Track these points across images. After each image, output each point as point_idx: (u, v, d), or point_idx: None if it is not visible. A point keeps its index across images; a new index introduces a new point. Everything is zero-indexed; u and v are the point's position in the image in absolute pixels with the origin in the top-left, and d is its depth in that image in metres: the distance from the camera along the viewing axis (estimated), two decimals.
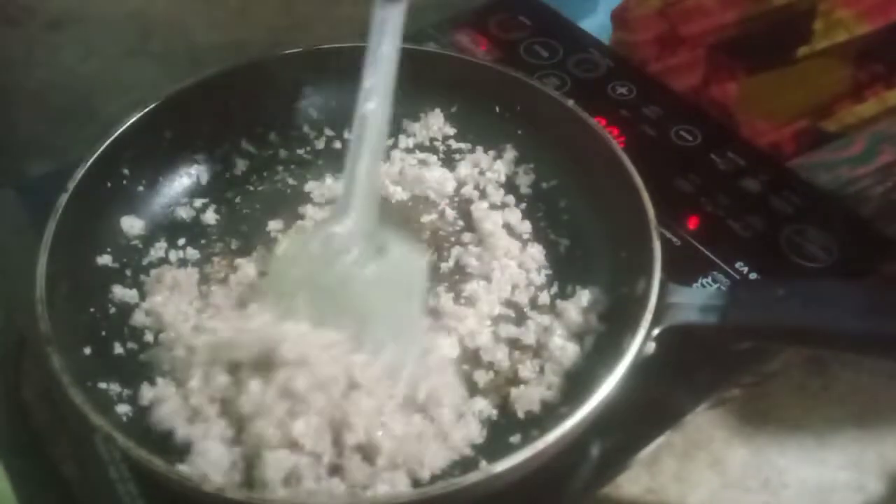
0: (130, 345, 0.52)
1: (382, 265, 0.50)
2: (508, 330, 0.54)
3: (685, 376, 0.53)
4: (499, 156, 0.64)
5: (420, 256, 0.54)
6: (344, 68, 0.65)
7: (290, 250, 0.53)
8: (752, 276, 0.59)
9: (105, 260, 0.55)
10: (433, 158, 0.65)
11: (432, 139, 0.66)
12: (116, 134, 0.56)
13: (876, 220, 0.63)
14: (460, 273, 0.58)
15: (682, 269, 0.52)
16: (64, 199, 0.52)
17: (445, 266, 0.58)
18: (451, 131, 0.66)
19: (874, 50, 0.66)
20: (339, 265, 0.49)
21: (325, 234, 0.50)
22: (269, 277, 0.54)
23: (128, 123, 0.56)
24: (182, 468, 0.43)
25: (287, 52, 0.64)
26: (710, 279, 0.58)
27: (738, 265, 0.59)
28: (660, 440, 0.52)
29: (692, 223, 0.62)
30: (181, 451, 0.46)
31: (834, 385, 0.55)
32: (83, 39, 0.69)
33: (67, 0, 0.67)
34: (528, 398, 0.50)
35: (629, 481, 0.50)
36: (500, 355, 0.53)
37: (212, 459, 0.45)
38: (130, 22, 0.70)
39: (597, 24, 0.84)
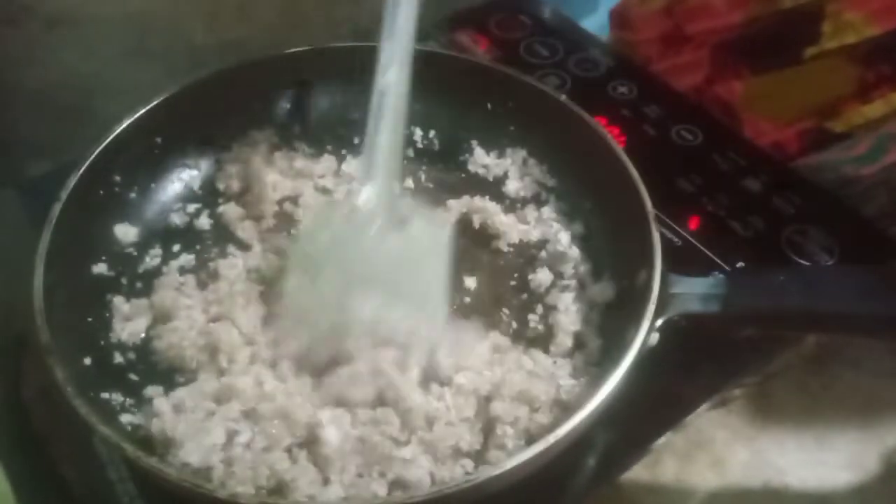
0: (130, 354, 0.51)
1: (406, 236, 0.50)
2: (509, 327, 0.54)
3: (686, 377, 0.53)
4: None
5: (443, 226, 0.54)
6: (340, 69, 0.65)
7: (316, 222, 0.53)
8: None
9: (101, 269, 0.54)
10: None
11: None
12: (107, 141, 0.55)
13: (879, 221, 0.63)
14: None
15: (683, 268, 0.52)
16: (57, 208, 0.51)
17: None
18: None
19: (882, 51, 0.66)
20: (362, 236, 0.49)
21: (349, 206, 0.50)
22: (295, 250, 0.53)
23: (118, 130, 0.56)
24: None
25: (278, 54, 0.63)
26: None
27: (738, 265, 0.59)
28: (661, 440, 0.52)
29: (693, 223, 0.62)
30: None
31: (834, 385, 0.55)
32: (83, 39, 0.68)
33: (67, 0, 0.67)
34: None
35: (629, 481, 0.50)
36: None
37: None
38: (130, 22, 0.69)
39: (598, 22, 0.84)
